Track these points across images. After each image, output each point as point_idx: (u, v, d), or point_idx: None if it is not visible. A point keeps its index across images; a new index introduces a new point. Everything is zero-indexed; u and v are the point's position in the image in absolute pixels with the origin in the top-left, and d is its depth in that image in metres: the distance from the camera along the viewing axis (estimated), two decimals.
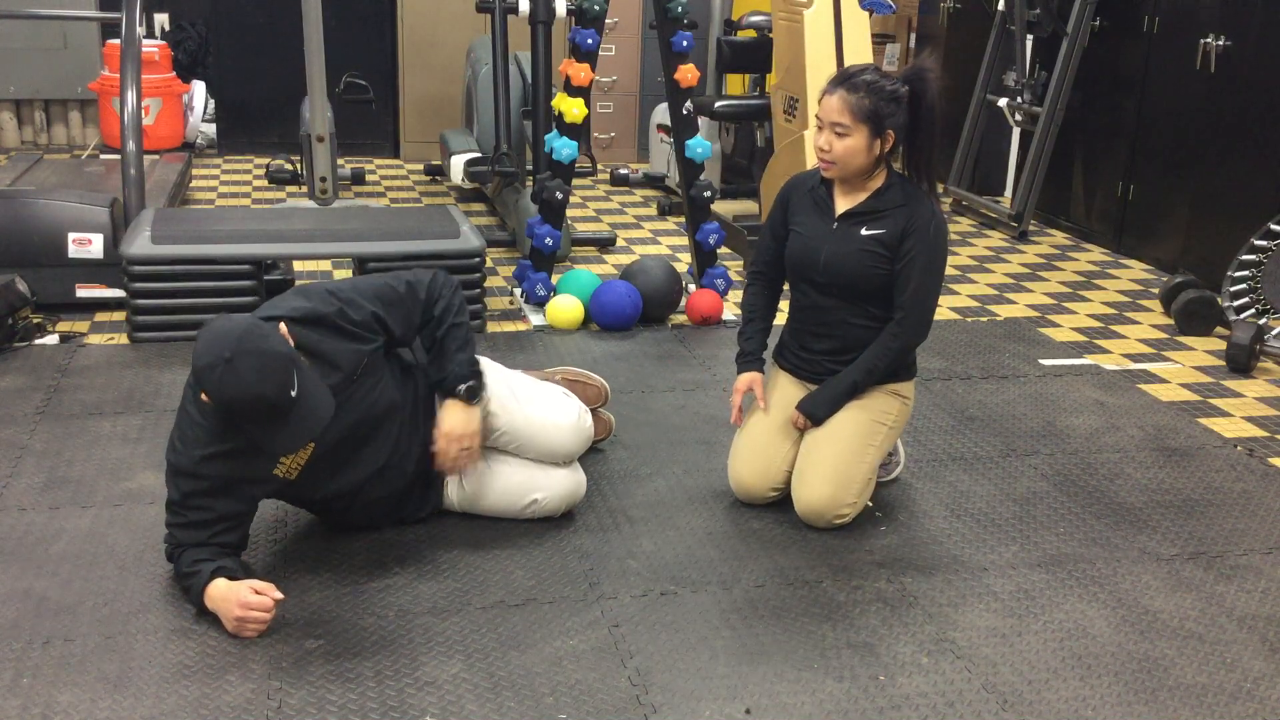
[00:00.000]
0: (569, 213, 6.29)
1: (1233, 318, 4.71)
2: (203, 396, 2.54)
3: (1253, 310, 4.72)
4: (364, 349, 2.74)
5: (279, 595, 2.56)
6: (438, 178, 7.26)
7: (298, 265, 5.15)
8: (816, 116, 3.05)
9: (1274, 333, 4.57)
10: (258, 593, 2.54)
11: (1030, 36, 6.51)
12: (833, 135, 3.01)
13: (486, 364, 3.08)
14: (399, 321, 2.82)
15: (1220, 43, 5.36)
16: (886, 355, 3.09)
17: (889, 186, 3.09)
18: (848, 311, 3.12)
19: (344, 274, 5.10)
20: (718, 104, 6.37)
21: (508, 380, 3.07)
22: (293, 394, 2.45)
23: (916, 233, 3.03)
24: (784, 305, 3.31)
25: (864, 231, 3.07)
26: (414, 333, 2.89)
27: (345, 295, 2.75)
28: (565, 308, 4.60)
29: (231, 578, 2.58)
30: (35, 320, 4.34)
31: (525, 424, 3.01)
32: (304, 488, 2.79)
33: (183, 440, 2.62)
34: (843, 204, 3.12)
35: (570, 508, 3.11)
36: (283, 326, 2.61)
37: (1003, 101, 6.64)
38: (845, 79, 3.00)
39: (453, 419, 2.84)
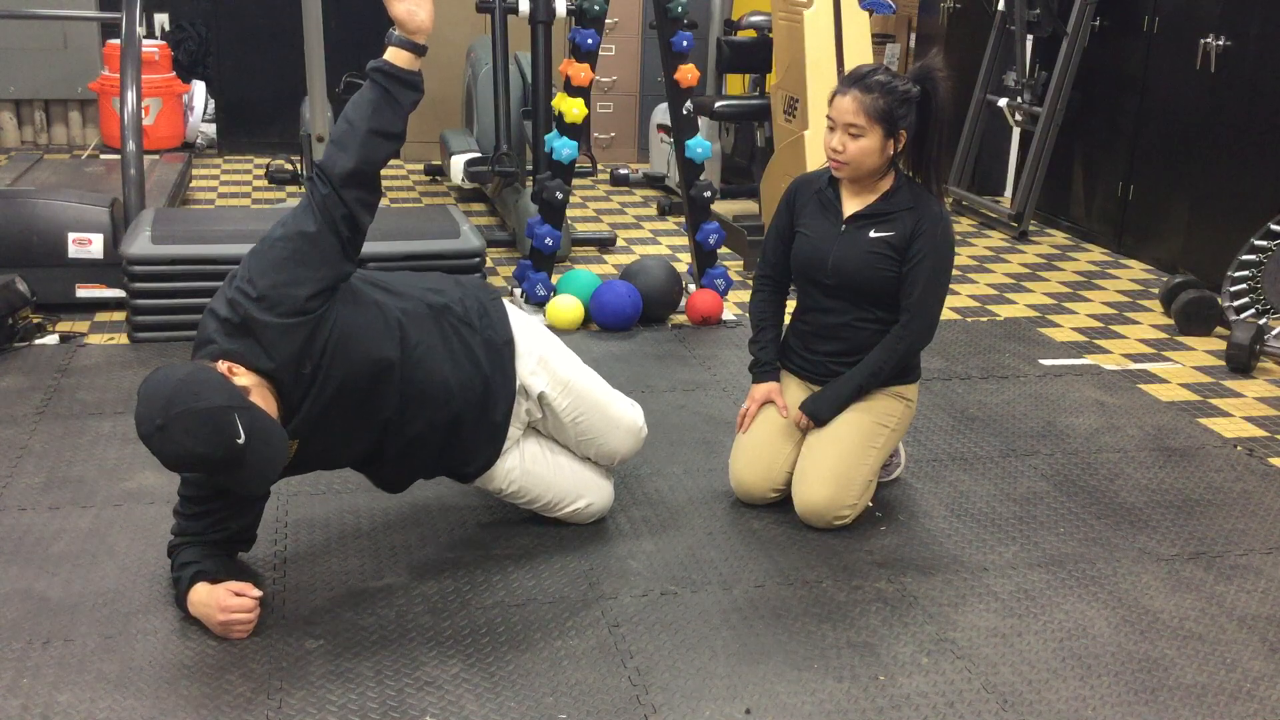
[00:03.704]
0: (569, 213, 6.29)
1: (1233, 318, 4.71)
2: None
3: (1253, 310, 4.72)
4: (301, 320, 2.48)
5: (258, 593, 2.55)
6: (438, 178, 7.26)
7: None
8: (828, 117, 3.04)
9: (1274, 333, 4.57)
10: (237, 594, 2.53)
11: (1030, 36, 6.51)
12: (846, 136, 3.00)
13: (566, 352, 3.01)
14: (330, 263, 2.52)
15: (1220, 43, 5.36)
16: (892, 357, 3.09)
17: (898, 189, 3.09)
18: (854, 314, 3.11)
19: None
20: (718, 104, 6.37)
21: (587, 377, 3.01)
22: (239, 442, 2.31)
23: (925, 235, 3.03)
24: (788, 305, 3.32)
25: (872, 234, 3.07)
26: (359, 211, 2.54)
27: (261, 290, 2.46)
28: (565, 308, 4.60)
29: (213, 580, 2.57)
30: (35, 320, 4.34)
31: (600, 424, 2.98)
32: (315, 462, 2.72)
33: None
34: (851, 206, 3.12)
35: (599, 518, 3.10)
36: (222, 364, 2.44)
37: (1003, 101, 6.64)
38: (858, 79, 3.00)
39: None
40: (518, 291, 4.91)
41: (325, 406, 2.56)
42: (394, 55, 2.58)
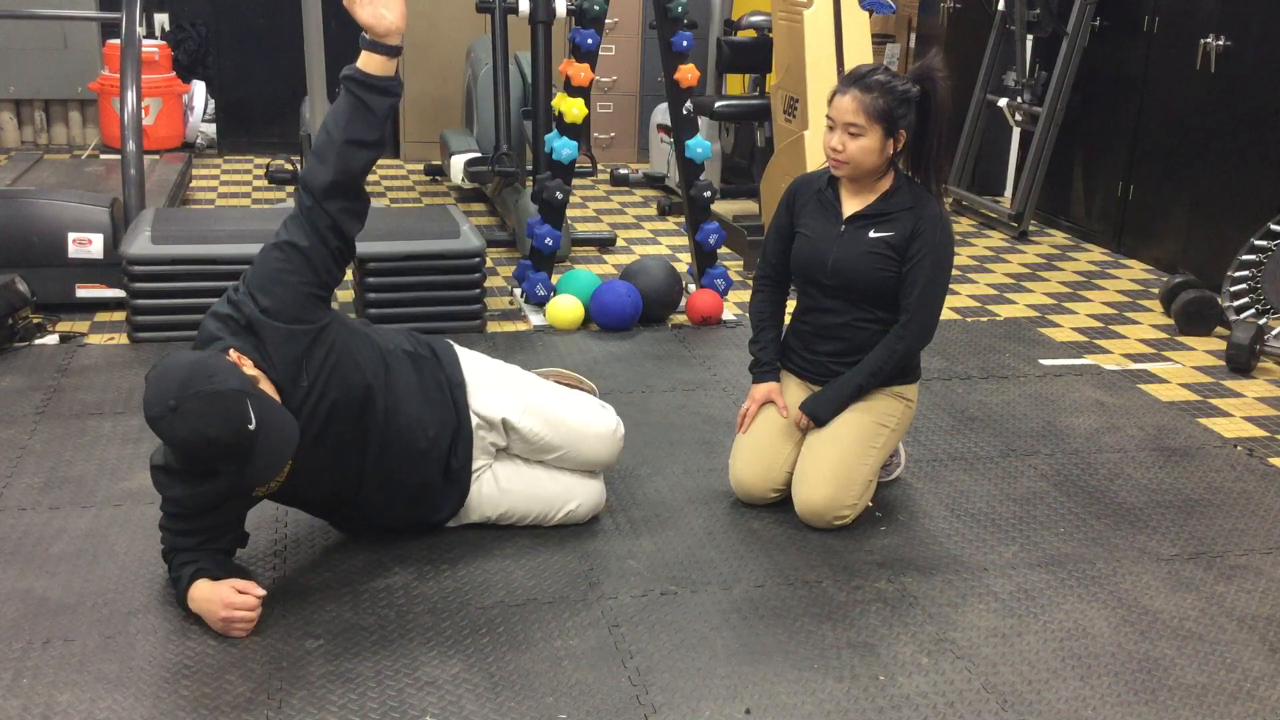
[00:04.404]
0: (569, 213, 6.29)
1: (1233, 318, 4.70)
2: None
3: (1253, 310, 4.72)
4: (303, 328, 2.53)
5: (261, 592, 2.55)
6: (438, 178, 7.26)
7: None
8: (828, 116, 3.04)
9: (1274, 333, 4.57)
10: (240, 592, 2.53)
11: (1030, 36, 6.51)
12: (846, 136, 3.00)
13: (520, 374, 3.04)
14: (321, 271, 2.56)
15: (1220, 43, 5.36)
16: (892, 357, 3.09)
17: (897, 189, 3.09)
18: (854, 314, 3.11)
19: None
20: (718, 104, 6.37)
21: (547, 393, 3.03)
22: (250, 427, 2.33)
23: (924, 235, 3.03)
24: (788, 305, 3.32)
25: (872, 234, 3.07)
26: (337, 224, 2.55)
27: (263, 303, 2.52)
28: (565, 308, 4.60)
29: (213, 578, 2.57)
30: (35, 320, 4.34)
31: (570, 436, 2.99)
32: (296, 493, 2.75)
33: (163, 454, 2.58)
34: (850, 206, 3.12)
35: (594, 514, 3.10)
36: (233, 353, 2.47)
37: (1003, 101, 6.64)
38: (858, 79, 3.00)
39: None
40: (518, 291, 4.91)
41: (319, 429, 2.60)
42: (366, 61, 2.57)
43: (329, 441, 2.63)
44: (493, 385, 2.95)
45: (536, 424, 2.95)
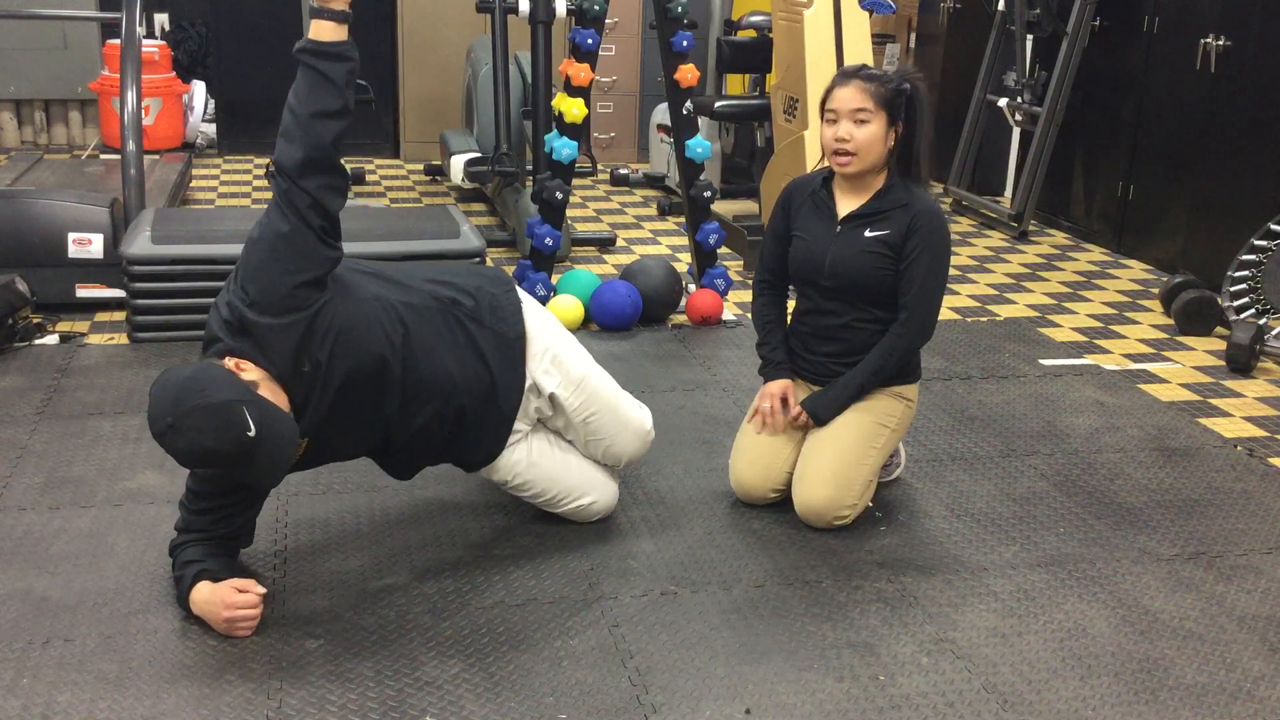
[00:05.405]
0: (569, 213, 6.29)
1: (1233, 318, 4.70)
2: None
3: (1253, 310, 4.72)
4: (295, 319, 2.48)
5: (262, 590, 2.55)
6: (438, 178, 7.26)
7: None
8: (830, 110, 3.06)
9: (1274, 333, 4.57)
10: (241, 591, 2.53)
11: (1030, 36, 6.51)
12: (853, 125, 3.02)
13: (582, 352, 2.99)
14: (310, 255, 2.50)
15: (1220, 43, 5.37)
16: (892, 356, 3.10)
17: (890, 187, 3.09)
18: (853, 314, 3.12)
19: None
20: (718, 104, 6.37)
21: (600, 377, 3.00)
22: (250, 434, 2.33)
23: (920, 232, 3.04)
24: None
25: (868, 233, 3.07)
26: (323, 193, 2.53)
27: (252, 295, 2.47)
28: (565, 308, 4.60)
29: (215, 579, 2.57)
30: (35, 320, 4.34)
31: (610, 425, 2.98)
32: (323, 458, 2.74)
33: None
34: (845, 206, 3.12)
35: (602, 517, 3.10)
36: (229, 360, 2.46)
37: (1003, 101, 6.64)
38: (854, 73, 3.06)
39: None
40: None
41: (331, 404, 2.57)
42: (316, 29, 2.52)
43: (345, 412, 2.61)
44: (551, 355, 2.90)
45: (582, 404, 2.93)
